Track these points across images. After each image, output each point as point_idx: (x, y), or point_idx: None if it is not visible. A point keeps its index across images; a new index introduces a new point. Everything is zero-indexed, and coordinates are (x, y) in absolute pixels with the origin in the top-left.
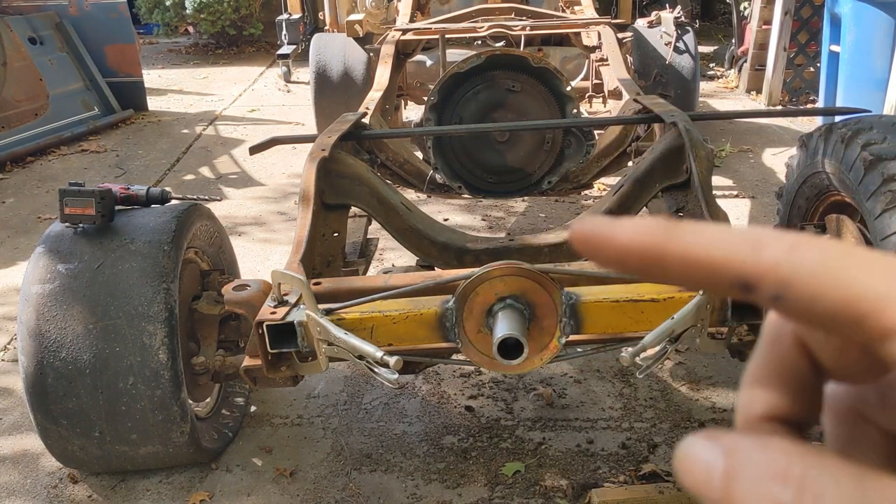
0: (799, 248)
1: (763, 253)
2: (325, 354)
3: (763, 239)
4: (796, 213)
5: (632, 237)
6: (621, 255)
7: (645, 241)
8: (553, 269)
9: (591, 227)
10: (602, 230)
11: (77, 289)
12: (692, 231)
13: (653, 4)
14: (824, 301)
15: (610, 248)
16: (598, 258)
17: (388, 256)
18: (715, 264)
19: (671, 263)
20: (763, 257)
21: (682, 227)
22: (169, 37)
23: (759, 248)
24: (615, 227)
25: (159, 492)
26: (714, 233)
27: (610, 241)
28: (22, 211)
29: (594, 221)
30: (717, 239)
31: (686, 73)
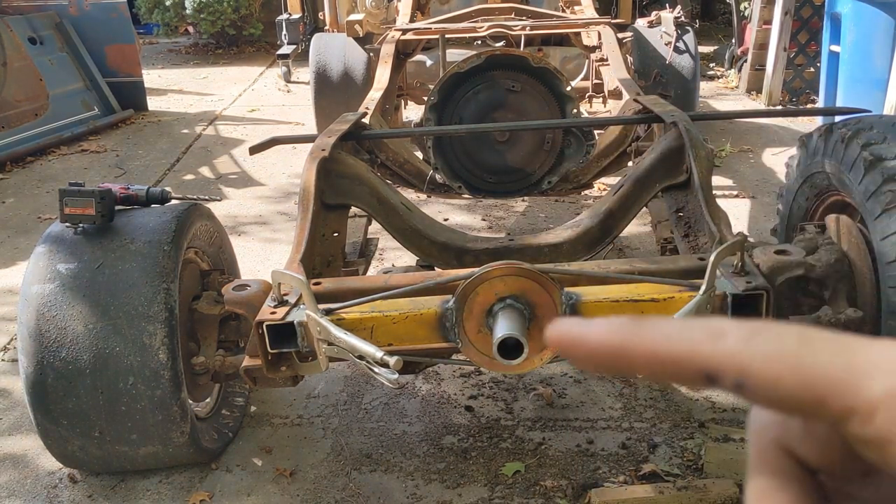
0: (755, 337)
1: (722, 344)
2: (325, 354)
3: (722, 330)
4: (796, 213)
5: (600, 338)
6: (592, 355)
7: (612, 342)
8: (553, 269)
9: (564, 329)
10: (573, 332)
11: (77, 289)
12: (656, 327)
13: (653, 4)
14: (784, 386)
15: (582, 349)
16: (573, 358)
17: (388, 256)
18: (678, 359)
19: (638, 360)
20: (722, 349)
21: (646, 324)
22: (169, 37)
23: (718, 340)
24: (586, 328)
25: (159, 492)
26: (676, 327)
27: (581, 342)
28: (22, 211)
29: (568, 324)
30: (678, 334)
31: (686, 73)
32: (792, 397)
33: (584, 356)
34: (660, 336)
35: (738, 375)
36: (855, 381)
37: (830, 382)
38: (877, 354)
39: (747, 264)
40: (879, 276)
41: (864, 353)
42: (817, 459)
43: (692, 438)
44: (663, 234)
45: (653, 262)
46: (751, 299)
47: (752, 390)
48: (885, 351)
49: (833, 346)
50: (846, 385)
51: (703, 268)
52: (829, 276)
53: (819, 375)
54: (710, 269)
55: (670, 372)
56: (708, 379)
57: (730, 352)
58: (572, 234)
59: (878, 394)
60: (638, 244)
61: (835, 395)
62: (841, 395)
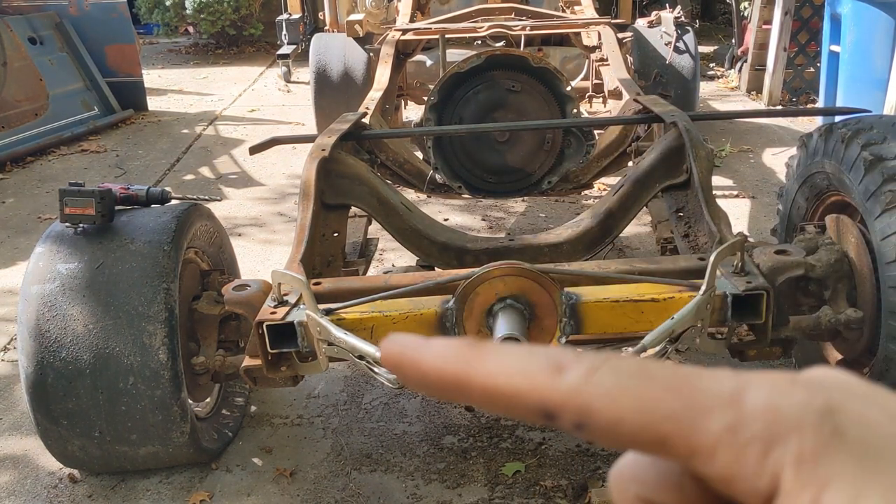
0: (596, 373)
1: (562, 379)
2: (325, 354)
3: (563, 363)
4: (796, 213)
5: (435, 362)
6: (426, 380)
7: (447, 368)
8: (553, 269)
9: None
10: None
11: (77, 289)
12: (496, 355)
13: (653, 4)
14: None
15: (416, 372)
16: (405, 380)
17: (388, 256)
18: (517, 393)
19: (474, 391)
20: (561, 385)
21: (485, 351)
22: (169, 37)
23: (558, 374)
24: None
25: (159, 492)
26: (517, 357)
27: (416, 365)
28: (22, 211)
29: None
30: (518, 364)
31: (686, 73)
32: (634, 438)
33: (419, 380)
34: (498, 367)
35: (577, 415)
36: (694, 418)
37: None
38: (716, 387)
39: (747, 264)
40: (879, 276)
41: (704, 386)
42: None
43: None
44: (663, 234)
45: (653, 262)
46: (751, 299)
47: (593, 431)
48: (724, 383)
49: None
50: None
51: (703, 268)
52: (829, 276)
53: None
54: (710, 269)
55: (506, 406)
56: (546, 416)
57: (569, 389)
58: (572, 234)
59: (717, 431)
60: (638, 244)
61: (677, 435)
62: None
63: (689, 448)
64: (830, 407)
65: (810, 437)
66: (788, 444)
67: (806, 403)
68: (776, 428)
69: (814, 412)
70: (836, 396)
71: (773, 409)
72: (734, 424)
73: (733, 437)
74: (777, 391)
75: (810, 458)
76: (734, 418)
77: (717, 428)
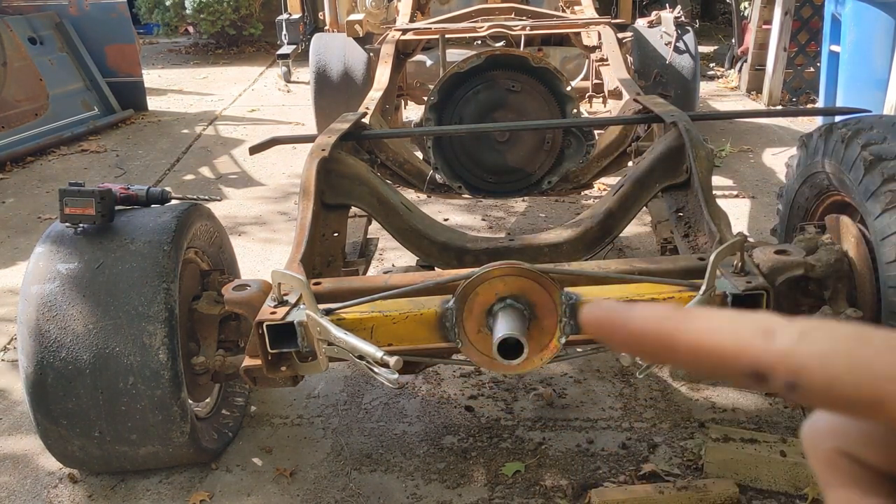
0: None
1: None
2: (325, 354)
3: (773, 327)
4: (796, 213)
5: (644, 323)
6: (634, 340)
7: (657, 328)
8: (553, 269)
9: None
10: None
11: (77, 289)
12: (703, 318)
13: (653, 4)
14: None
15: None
16: (612, 342)
17: (388, 256)
18: (726, 354)
19: (682, 351)
20: (773, 347)
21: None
22: (169, 37)
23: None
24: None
25: (159, 492)
26: (724, 320)
27: (623, 325)
28: (22, 211)
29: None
30: (727, 327)
31: (686, 73)
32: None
33: (625, 341)
34: (707, 328)
35: (790, 376)
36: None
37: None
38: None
39: (747, 264)
40: (879, 276)
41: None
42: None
43: (692, 438)
44: (663, 234)
45: (653, 262)
46: (751, 299)
47: (806, 391)
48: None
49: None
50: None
51: (703, 268)
52: (829, 276)
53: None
54: (710, 269)
55: (715, 367)
56: (757, 378)
57: (782, 350)
58: (572, 234)
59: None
60: (638, 244)
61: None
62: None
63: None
64: None
65: None
66: None
67: None
68: None
69: None
70: None
71: None
72: None
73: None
74: None
75: None
76: None
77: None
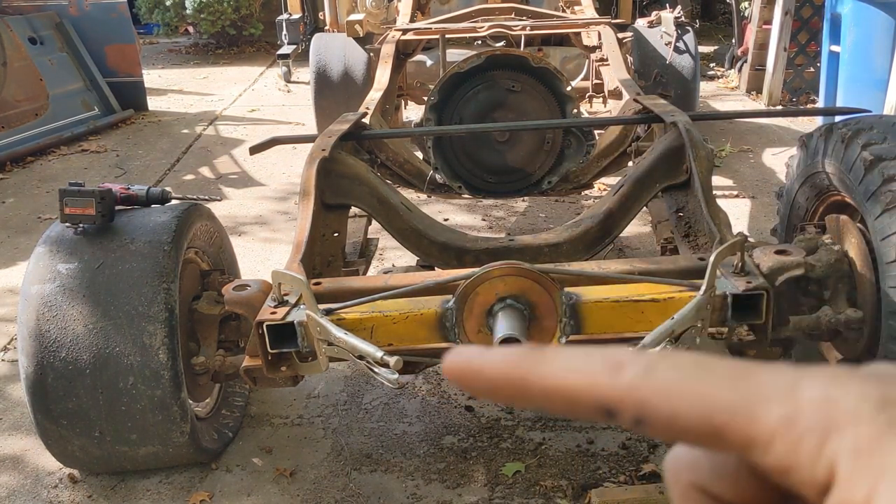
0: (654, 369)
1: (620, 377)
2: (325, 354)
3: (621, 361)
4: (796, 214)
5: (498, 370)
6: (489, 387)
7: (510, 374)
8: (553, 269)
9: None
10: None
11: (77, 289)
12: (555, 358)
13: (653, 4)
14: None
15: (479, 380)
16: (469, 390)
17: (388, 256)
18: (577, 393)
19: (536, 394)
20: (619, 382)
21: (547, 354)
22: (169, 37)
23: (616, 373)
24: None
25: (159, 492)
26: (574, 358)
27: (479, 374)
28: (22, 211)
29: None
30: (578, 365)
31: (686, 73)
32: (692, 430)
33: (481, 387)
34: (558, 368)
35: (636, 411)
36: (752, 409)
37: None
38: (772, 380)
39: (747, 264)
40: (879, 276)
41: (760, 379)
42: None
43: None
44: (663, 234)
45: (653, 262)
46: (751, 299)
47: (652, 425)
48: (780, 376)
49: (730, 373)
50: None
51: (703, 268)
52: (829, 276)
53: (717, 407)
54: (710, 269)
55: (567, 406)
56: (606, 414)
57: (627, 386)
58: (572, 234)
59: (774, 422)
60: (638, 244)
61: (733, 426)
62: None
63: (746, 439)
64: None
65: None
66: (845, 434)
67: (862, 395)
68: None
69: (870, 404)
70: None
71: (829, 400)
72: (791, 415)
73: (790, 427)
74: (834, 383)
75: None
76: (791, 409)
77: (774, 419)
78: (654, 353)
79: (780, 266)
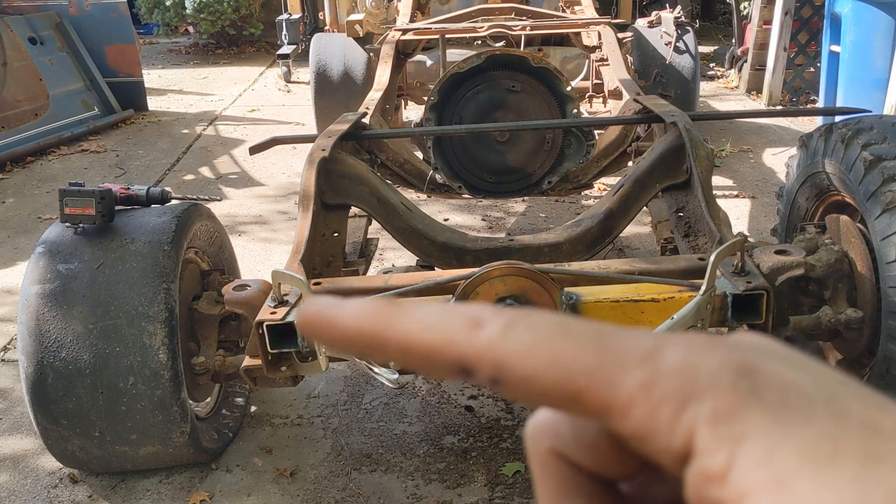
0: (513, 328)
1: (478, 335)
2: (325, 354)
3: (480, 319)
4: (796, 214)
5: (352, 321)
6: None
7: (365, 326)
8: (553, 269)
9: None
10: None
11: (77, 289)
12: (414, 312)
13: (653, 4)
14: (539, 382)
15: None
16: (323, 341)
17: (388, 256)
18: (433, 349)
19: (391, 348)
20: (478, 340)
21: (402, 308)
22: (169, 37)
23: (475, 330)
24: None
25: (159, 492)
26: (433, 314)
27: (332, 324)
28: (22, 211)
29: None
30: (437, 321)
31: (686, 73)
32: (549, 392)
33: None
34: (415, 323)
35: (492, 370)
36: (610, 373)
37: (586, 376)
38: (633, 345)
39: (747, 264)
40: (879, 276)
41: (622, 344)
42: (593, 463)
43: None
44: (663, 234)
45: (653, 262)
46: (751, 299)
47: (508, 386)
48: (641, 341)
49: (592, 336)
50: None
51: (703, 268)
52: (829, 276)
53: (575, 369)
54: (710, 269)
55: (423, 362)
56: (462, 372)
57: (485, 344)
58: (572, 234)
59: (632, 387)
60: (638, 244)
61: (591, 390)
62: (597, 389)
63: (603, 404)
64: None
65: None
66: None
67: (723, 363)
68: (692, 386)
69: (730, 371)
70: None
71: (689, 367)
72: (649, 381)
73: (648, 393)
74: (694, 350)
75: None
76: (649, 375)
77: (631, 384)
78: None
79: (780, 266)
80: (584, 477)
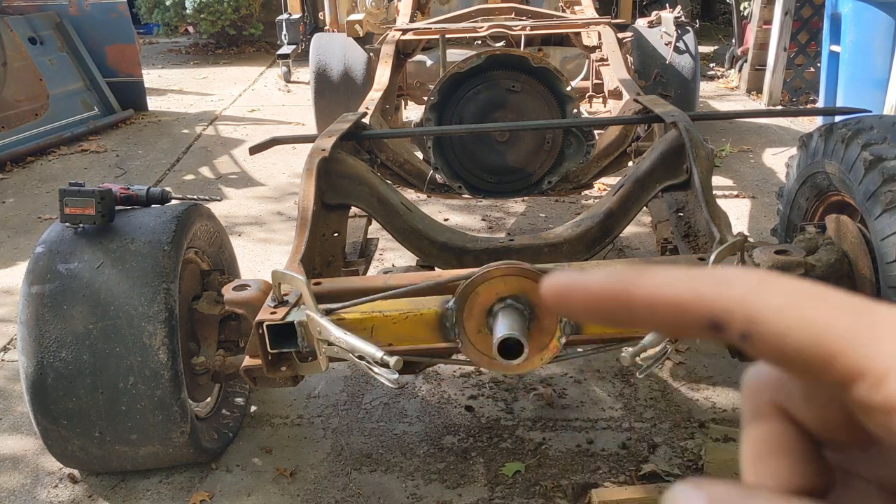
0: (767, 285)
1: (730, 290)
2: (325, 354)
3: (730, 277)
4: (796, 213)
5: (600, 286)
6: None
7: (612, 289)
8: (553, 269)
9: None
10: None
11: (77, 289)
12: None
13: (653, 4)
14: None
15: (580, 298)
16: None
17: (388, 256)
18: (682, 304)
19: (639, 308)
20: (730, 294)
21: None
22: (169, 37)
23: (727, 286)
24: (584, 278)
25: (159, 492)
26: (681, 274)
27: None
28: (22, 211)
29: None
30: (684, 279)
31: (686, 73)
32: (800, 352)
33: (583, 306)
34: (664, 282)
35: (746, 323)
36: (867, 342)
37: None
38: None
39: (747, 264)
40: (879, 276)
41: (879, 315)
42: (816, 424)
43: (692, 438)
44: (663, 234)
45: (653, 263)
46: None
47: (759, 341)
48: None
49: (847, 304)
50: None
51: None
52: (829, 276)
53: (830, 333)
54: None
55: (673, 320)
56: (713, 326)
57: (740, 298)
58: (572, 234)
59: (891, 358)
60: (638, 244)
61: (845, 355)
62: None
63: (857, 371)
64: None
65: None
66: None
67: None
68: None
69: None
70: None
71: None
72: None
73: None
74: None
75: None
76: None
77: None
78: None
79: (780, 266)
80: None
